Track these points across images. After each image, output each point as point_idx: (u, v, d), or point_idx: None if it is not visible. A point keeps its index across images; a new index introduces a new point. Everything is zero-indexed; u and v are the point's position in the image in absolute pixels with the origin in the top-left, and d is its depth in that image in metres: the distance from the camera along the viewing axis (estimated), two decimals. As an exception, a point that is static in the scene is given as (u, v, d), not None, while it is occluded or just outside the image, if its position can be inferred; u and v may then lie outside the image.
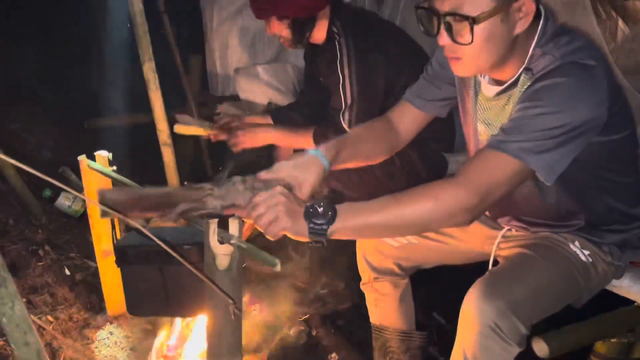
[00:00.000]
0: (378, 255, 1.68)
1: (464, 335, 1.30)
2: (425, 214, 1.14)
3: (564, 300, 1.39)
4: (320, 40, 2.10)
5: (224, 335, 1.23)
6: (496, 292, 1.27)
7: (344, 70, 1.97)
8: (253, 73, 3.22)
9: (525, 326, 1.27)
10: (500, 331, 1.25)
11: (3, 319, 0.79)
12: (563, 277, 1.36)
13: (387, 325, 1.73)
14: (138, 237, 1.53)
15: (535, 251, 1.40)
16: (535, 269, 1.34)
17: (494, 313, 1.24)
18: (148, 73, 2.07)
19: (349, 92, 1.99)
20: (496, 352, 1.28)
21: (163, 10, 2.94)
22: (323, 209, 1.10)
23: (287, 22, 2.04)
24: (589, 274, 1.38)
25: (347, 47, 1.96)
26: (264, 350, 1.96)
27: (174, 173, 2.29)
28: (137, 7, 1.99)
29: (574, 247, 1.39)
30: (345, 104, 2.00)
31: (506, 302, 1.24)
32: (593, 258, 1.39)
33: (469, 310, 1.28)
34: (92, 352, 1.85)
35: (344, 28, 1.99)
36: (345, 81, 1.98)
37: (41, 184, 2.65)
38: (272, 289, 2.30)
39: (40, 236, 2.37)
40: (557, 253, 1.39)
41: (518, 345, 1.27)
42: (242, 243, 1.17)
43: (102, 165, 1.82)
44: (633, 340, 1.53)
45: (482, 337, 1.27)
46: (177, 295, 1.52)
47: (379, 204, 1.15)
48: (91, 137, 3.23)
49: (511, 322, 1.24)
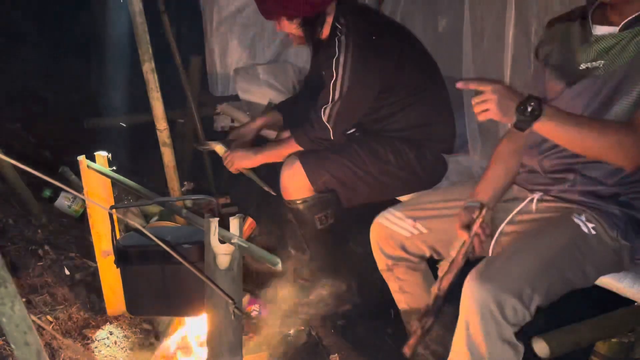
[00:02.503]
0: (390, 243, 1.77)
1: (463, 318, 1.36)
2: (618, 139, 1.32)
3: (569, 279, 1.40)
4: (325, 36, 2.10)
5: (224, 335, 1.23)
6: (491, 275, 1.33)
7: (339, 68, 1.96)
8: (253, 73, 3.22)
9: (525, 306, 1.30)
10: (498, 313, 1.29)
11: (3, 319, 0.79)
12: (563, 253, 1.39)
13: (416, 307, 1.79)
14: (138, 237, 1.53)
15: (533, 232, 1.45)
16: (533, 250, 1.39)
17: (489, 296, 1.29)
18: (148, 73, 2.07)
19: (338, 89, 1.99)
20: (495, 334, 1.31)
21: (163, 10, 2.94)
22: (531, 107, 1.28)
23: (298, 22, 2.04)
24: (592, 247, 1.41)
25: (346, 45, 1.96)
26: (264, 350, 1.96)
27: (174, 173, 2.29)
28: (137, 7, 1.99)
29: (577, 220, 1.43)
30: (331, 99, 2.01)
31: (500, 285, 1.30)
32: (598, 230, 1.42)
33: (466, 294, 1.35)
34: (92, 352, 1.85)
35: (347, 26, 1.99)
36: (338, 78, 1.98)
37: (41, 184, 2.65)
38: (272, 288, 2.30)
39: (40, 236, 2.37)
40: (557, 229, 1.43)
41: (516, 326, 1.31)
42: (242, 242, 1.17)
43: (101, 165, 1.82)
44: (633, 340, 1.53)
45: (481, 320, 1.31)
46: (177, 295, 1.52)
47: (585, 118, 1.35)
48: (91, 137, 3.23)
49: (509, 303, 1.29)
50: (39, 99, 3.73)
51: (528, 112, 1.28)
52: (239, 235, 1.19)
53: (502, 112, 1.30)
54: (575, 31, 1.50)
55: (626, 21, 1.38)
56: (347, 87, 1.98)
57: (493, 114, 1.31)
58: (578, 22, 1.50)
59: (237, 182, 2.61)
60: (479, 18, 2.23)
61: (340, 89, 1.99)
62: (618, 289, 1.53)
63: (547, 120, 1.30)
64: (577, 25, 1.50)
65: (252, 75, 3.21)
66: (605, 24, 1.42)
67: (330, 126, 2.04)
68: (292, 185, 2.11)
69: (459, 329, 1.39)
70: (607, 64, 1.40)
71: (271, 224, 2.73)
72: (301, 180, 2.08)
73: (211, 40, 3.37)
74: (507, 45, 2.04)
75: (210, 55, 3.43)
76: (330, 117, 2.03)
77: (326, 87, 2.02)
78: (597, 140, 1.32)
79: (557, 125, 1.31)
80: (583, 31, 1.47)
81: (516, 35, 2.01)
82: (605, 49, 1.40)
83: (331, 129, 2.04)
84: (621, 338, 1.52)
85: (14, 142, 3.14)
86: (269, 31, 3.36)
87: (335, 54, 1.97)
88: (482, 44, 2.23)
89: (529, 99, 1.29)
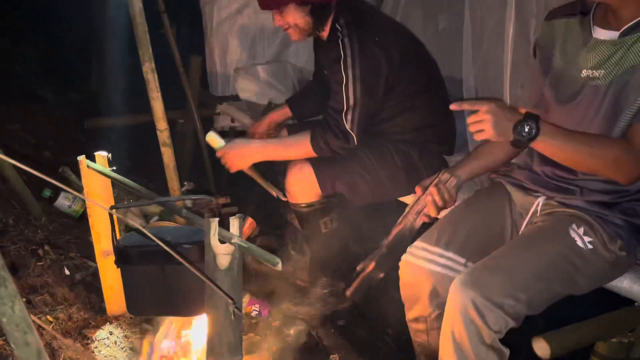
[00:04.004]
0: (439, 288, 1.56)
1: (448, 320, 1.36)
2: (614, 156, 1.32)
3: (558, 291, 1.39)
4: (325, 35, 2.05)
5: (224, 335, 1.23)
6: (474, 282, 1.32)
7: (348, 71, 1.91)
8: (253, 73, 3.22)
9: (508, 315, 1.30)
10: (480, 320, 1.29)
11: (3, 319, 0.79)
12: (552, 267, 1.37)
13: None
14: (138, 237, 1.52)
15: (526, 240, 1.43)
16: (521, 260, 1.37)
17: (470, 303, 1.29)
18: (148, 73, 2.07)
19: (352, 93, 1.93)
20: (477, 339, 1.31)
21: (163, 10, 2.94)
22: (529, 127, 1.29)
23: (307, 9, 1.96)
24: (586, 261, 1.39)
25: (352, 47, 1.91)
26: (264, 350, 1.96)
27: (174, 173, 2.29)
28: (137, 7, 1.99)
29: (573, 232, 1.41)
30: (347, 105, 1.95)
31: (482, 293, 1.29)
32: (595, 244, 1.40)
33: (450, 297, 1.35)
34: (92, 352, 1.85)
35: (348, 26, 1.94)
36: (349, 82, 1.92)
37: (41, 184, 2.65)
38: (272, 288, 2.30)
39: (40, 236, 2.37)
40: (550, 241, 1.41)
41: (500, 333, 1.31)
42: (242, 242, 1.17)
43: (101, 165, 1.82)
44: (633, 340, 1.53)
45: (464, 324, 1.31)
46: (177, 295, 1.52)
47: (581, 136, 1.34)
48: (91, 137, 3.23)
49: (491, 313, 1.29)
50: (39, 99, 3.73)
51: (525, 131, 1.28)
52: (239, 235, 1.19)
53: (498, 133, 1.31)
54: (575, 30, 1.45)
55: (626, 27, 1.33)
56: (361, 91, 1.93)
57: (489, 134, 1.31)
58: (578, 20, 1.45)
59: (237, 182, 2.61)
60: (479, 18, 2.23)
61: (354, 93, 1.93)
62: (618, 289, 1.53)
63: (545, 140, 1.30)
64: (577, 23, 1.45)
65: (252, 75, 3.21)
66: (606, 27, 1.38)
67: (355, 133, 1.98)
68: (299, 189, 2.09)
69: (445, 331, 1.38)
70: (607, 74, 1.36)
71: (271, 224, 2.73)
72: (310, 184, 2.06)
73: (211, 40, 3.37)
74: (507, 45, 2.04)
75: (210, 55, 3.43)
76: (353, 123, 1.97)
77: (337, 91, 1.95)
78: (594, 158, 1.33)
79: (554, 144, 1.32)
80: (583, 31, 1.43)
81: (516, 35, 2.01)
82: (604, 57, 1.36)
83: (355, 135, 1.98)
84: (621, 338, 1.52)
85: (14, 142, 3.14)
86: (269, 31, 3.36)
87: (342, 56, 1.91)
88: (482, 44, 2.23)
89: (526, 119, 1.28)
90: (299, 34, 2.05)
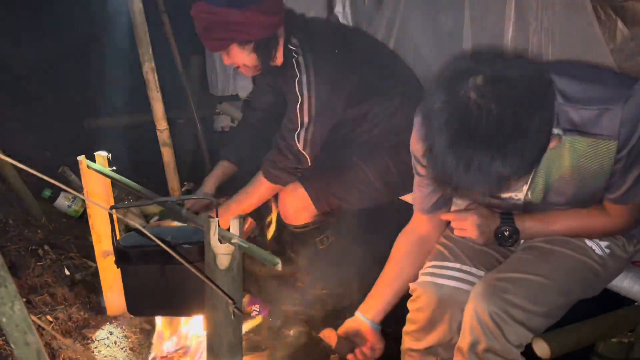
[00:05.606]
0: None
1: (465, 330, 1.34)
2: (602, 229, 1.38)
3: (576, 297, 1.40)
4: (280, 61, 1.95)
5: (224, 335, 1.23)
6: (495, 293, 1.30)
7: (303, 90, 1.84)
8: (253, 73, 3.22)
9: (527, 327, 1.29)
10: (498, 331, 1.27)
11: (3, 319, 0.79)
12: (571, 279, 1.37)
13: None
14: (138, 237, 1.52)
15: (545, 252, 1.41)
16: (541, 275, 1.35)
17: (490, 313, 1.28)
18: (148, 73, 2.07)
19: (306, 112, 1.86)
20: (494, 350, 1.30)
21: (163, 10, 2.94)
22: (509, 233, 1.38)
23: (251, 47, 1.88)
24: (607, 267, 1.41)
25: (306, 66, 1.84)
26: (264, 350, 1.96)
27: (174, 173, 2.29)
28: (137, 7, 1.99)
29: (589, 241, 1.41)
30: (300, 124, 1.88)
31: (503, 307, 1.28)
32: (612, 248, 1.42)
33: (469, 308, 1.32)
34: (92, 352, 1.85)
35: (302, 45, 1.87)
36: (304, 101, 1.85)
37: (41, 184, 2.65)
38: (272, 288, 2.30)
39: (39, 236, 2.37)
40: (568, 253, 1.40)
41: (517, 347, 1.29)
42: (242, 242, 1.17)
43: (101, 165, 1.82)
44: (633, 340, 1.53)
45: (484, 336, 1.29)
46: (177, 295, 1.52)
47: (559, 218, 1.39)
48: (91, 137, 3.23)
49: (508, 324, 1.27)
50: (38, 99, 3.73)
51: (506, 235, 1.38)
52: (239, 235, 1.19)
53: (484, 241, 1.41)
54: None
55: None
56: (316, 108, 1.86)
57: (477, 242, 1.43)
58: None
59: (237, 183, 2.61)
60: (479, 18, 2.23)
61: (309, 111, 1.86)
62: (618, 289, 1.53)
63: (526, 235, 1.41)
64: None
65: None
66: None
67: (307, 153, 1.92)
68: (293, 211, 2.09)
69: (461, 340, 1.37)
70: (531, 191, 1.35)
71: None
72: (304, 205, 2.06)
73: (211, 40, 3.37)
74: (507, 45, 2.04)
75: (211, 55, 3.43)
76: (305, 143, 1.90)
77: (291, 110, 1.88)
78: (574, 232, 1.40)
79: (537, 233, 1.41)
80: None
81: (516, 36, 2.01)
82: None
83: (307, 155, 1.93)
84: (621, 338, 1.53)
85: (14, 142, 3.13)
86: (269, 31, 3.35)
87: (297, 76, 1.84)
88: (482, 44, 2.23)
89: (502, 224, 1.36)
90: (251, 71, 1.99)
